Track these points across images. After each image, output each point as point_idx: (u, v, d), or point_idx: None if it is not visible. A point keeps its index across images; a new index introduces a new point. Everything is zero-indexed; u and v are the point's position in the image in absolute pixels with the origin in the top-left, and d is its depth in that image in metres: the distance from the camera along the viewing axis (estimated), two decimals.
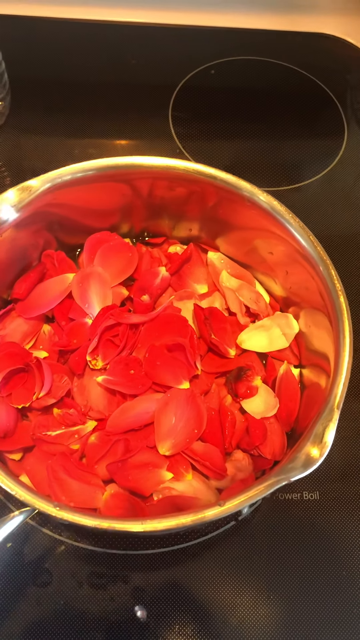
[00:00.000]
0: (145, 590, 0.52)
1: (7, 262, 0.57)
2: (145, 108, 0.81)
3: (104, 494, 0.49)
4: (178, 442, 0.50)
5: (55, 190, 0.54)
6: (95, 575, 0.53)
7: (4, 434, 0.51)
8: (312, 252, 0.52)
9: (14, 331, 0.56)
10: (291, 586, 0.53)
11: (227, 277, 0.61)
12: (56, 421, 0.52)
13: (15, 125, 0.78)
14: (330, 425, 0.44)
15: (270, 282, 0.61)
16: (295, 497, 0.57)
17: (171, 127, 0.79)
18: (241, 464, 0.52)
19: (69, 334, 0.56)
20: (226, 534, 0.55)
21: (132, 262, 0.60)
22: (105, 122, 0.79)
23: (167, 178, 0.57)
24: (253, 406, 0.54)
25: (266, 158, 0.80)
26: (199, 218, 0.62)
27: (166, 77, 0.84)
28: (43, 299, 0.57)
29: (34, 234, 0.58)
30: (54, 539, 0.54)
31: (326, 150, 0.81)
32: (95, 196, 0.58)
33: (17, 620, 0.50)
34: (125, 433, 0.51)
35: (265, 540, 0.55)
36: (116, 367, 0.53)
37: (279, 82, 0.88)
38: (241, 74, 0.87)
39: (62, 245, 0.62)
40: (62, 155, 0.76)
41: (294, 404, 0.55)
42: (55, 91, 0.82)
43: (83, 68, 0.85)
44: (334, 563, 0.55)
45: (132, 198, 0.60)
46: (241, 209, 0.57)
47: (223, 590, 0.53)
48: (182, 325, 0.55)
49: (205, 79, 0.85)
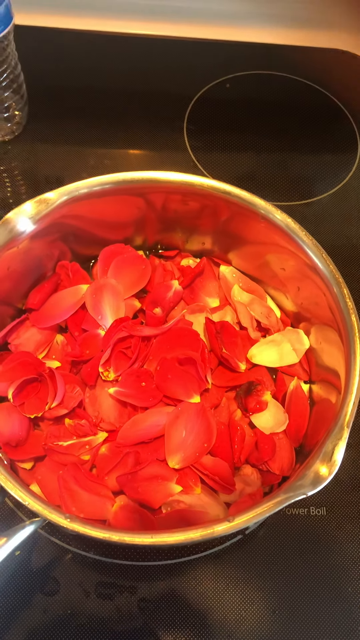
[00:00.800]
0: (151, 601, 0.53)
1: (22, 273, 0.58)
2: (161, 120, 0.82)
3: (113, 506, 0.49)
4: (188, 456, 0.50)
5: (72, 203, 0.55)
6: (102, 585, 0.53)
7: (16, 443, 0.51)
8: (324, 270, 0.52)
9: (27, 341, 0.57)
10: (296, 600, 0.54)
11: (238, 292, 0.61)
12: (68, 431, 0.52)
13: (32, 134, 0.79)
14: (339, 443, 0.45)
15: (281, 297, 0.62)
16: (302, 512, 0.57)
17: (186, 139, 0.80)
18: (250, 479, 0.52)
19: (82, 344, 0.56)
20: (233, 548, 0.55)
21: (145, 275, 0.61)
22: (120, 133, 0.80)
23: (181, 192, 0.58)
24: (262, 421, 0.55)
25: (279, 172, 0.80)
26: (211, 232, 0.62)
27: (182, 89, 0.85)
28: (57, 309, 0.58)
29: (49, 244, 0.59)
30: (62, 548, 0.54)
31: (339, 166, 0.81)
32: (110, 209, 0.59)
33: (23, 628, 0.51)
34: (135, 445, 0.51)
35: (271, 554, 0.56)
36: (128, 379, 0.53)
37: (293, 96, 0.88)
38: (256, 88, 0.88)
39: (76, 256, 0.63)
40: (77, 165, 0.77)
41: (303, 420, 0.56)
42: (72, 102, 0.83)
43: (100, 80, 0.86)
44: (339, 579, 0.55)
45: (146, 211, 0.61)
46: (254, 224, 0.57)
47: (229, 603, 0.53)
48: (193, 339, 0.55)
49: (221, 92, 0.85)
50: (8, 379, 0.53)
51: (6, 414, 0.52)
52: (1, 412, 0.52)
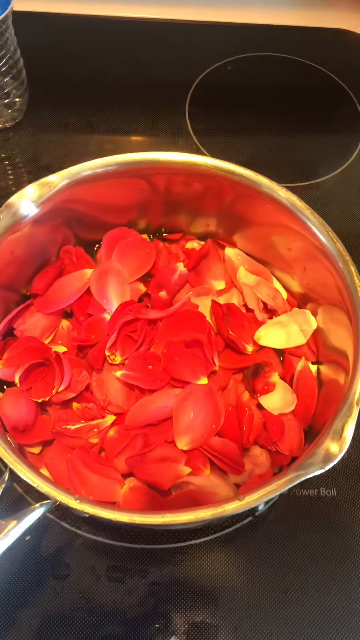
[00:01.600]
0: (162, 584, 0.53)
1: (26, 258, 0.57)
2: (162, 104, 0.81)
3: (122, 488, 0.49)
4: (196, 437, 0.50)
5: (75, 186, 0.55)
6: (113, 568, 0.53)
7: (24, 428, 0.51)
8: (331, 249, 0.52)
9: (33, 326, 0.56)
10: (307, 581, 0.54)
11: (244, 274, 0.61)
12: (75, 415, 0.52)
13: (33, 121, 0.79)
14: (349, 421, 0.44)
15: (287, 279, 0.61)
16: (312, 493, 0.57)
17: (188, 123, 0.80)
18: (259, 460, 0.52)
19: (88, 329, 0.56)
20: (243, 530, 0.55)
21: (150, 258, 0.60)
22: (122, 118, 0.80)
23: (185, 173, 0.57)
24: (271, 402, 0.54)
25: (283, 154, 0.79)
26: (216, 214, 0.62)
27: (183, 73, 0.84)
28: (62, 294, 0.58)
29: (53, 229, 0.58)
30: (73, 533, 0.54)
31: (343, 147, 0.80)
32: (113, 192, 0.59)
33: (35, 611, 0.51)
34: (143, 427, 0.51)
35: (282, 536, 0.55)
36: (135, 362, 0.53)
37: (296, 78, 0.87)
38: (258, 70, 0.87)
39: (80, 241, 0.62)
40: (78, 151, 0.77)
41: (312, 401, 0.55)
42: (73, 87, 0.82)
43: (100, 64, 0.85)
44: (351, 559, 0.55)
45: (149, 194, 0.60)
46: (259, 204, 0.57)
47: (239, 584, 0.53)
48: (199, 322, 0.55)
49: (223, 75, 0.85)
50: (14, 364, 0.53)
51: (13, 399, 0.52)
52: (8, 397, 0.52)
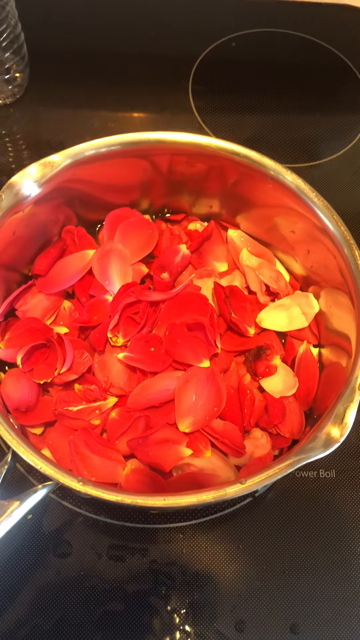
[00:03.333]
0: (162, 563, 0.53)
1: (28, 238, 0.57)
2: (165, 80, 0.80)
3: (124, 469, 0.49)
4: (198, 420, 0.50)
5: (77, 166, 0.54)
6: (114, 547, 0.54)
7: (26, 409, 0.51)
8: (335, 232, 0.51)
9: (34, 307, 0.56)
10: (307, 561, 0.54)
11: (247, 256, 0.60)
12: (77, 397, 0.52)
13: (34, 97, 0.77)
14: (351, 406, 0.45)
15: (290, 261, 0.61)
16: (311, 475, 0.57)
17: (191, 100, 0.78)
18: (260, 442, 0.52)
19: (90, 310, 0.56)
20: (242, 510, 0.56)
21: (152, 239, 0.60)
22: (124, 94, 0.78)
23: (188, 154, 0.57)
24: (272, 385, 0.55)
25: (286, 133, 0.78)
26: (219, 195, 0.61)
27: (186, 49, 0.83)
28: (63, 275, 0.57)
29: (55, 209, 0.58)
30: (74, 512, 0.55)
31: (348, 126, 0.79)
32: (115, 172, 0.58)
33: (38, 589, 0.52)
34: (145, 410, 0.51)
35: (281, 516, 0.56)
36: (137, 344, 0.53)
37: (300, 54, 0.86)
38: (262, 46, 0.85)
39: (82, 221, 0.62)
40: (80, 128, 0.76)
41: (313, 384, 0.56)
42: (74, 63, 0.81)
43: (102, 40, 0.83)
44: (349, 540, 0.55)
45: (152, 174, 0.59)
46: (263, 185, 0.56)
47: (239, 564, 0.54)
48: (202, 304, 0.55)
49: (226, 51, 0.83)
50: (16, 345, 0.53)
51: (15, 380, 0.52)
52: (10, 378, 0.52)
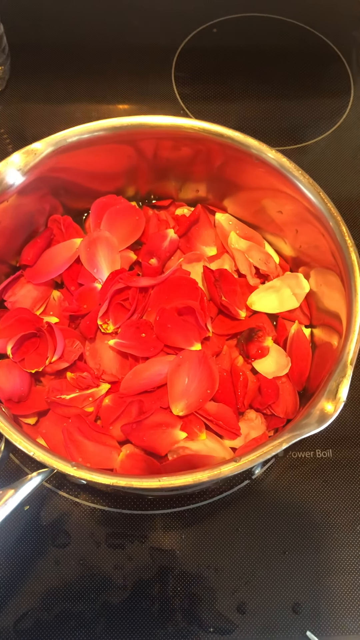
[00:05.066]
0: (161, 548, 0.53)
1: (14, 229, 0.57)
2: (148, 69, 0.79)
3: (119, 455, 0.49)
4: (191, 403, 0.50)
5: (60, 154, 0.54)
6: (112, 535, 0.53)
7: (19, 399, 0.51)
8: (322, 209, 0.51)
9: (24, 297, 0.56)
10: (306, 541, 0.54)
11: (235, 239, 0.60)
12: (70, 385, 0.52)
13: (16, 90, 0.77)
14: (343, 381, 0.44)
15: (279, 242, 0.61)
16: (308, 455, 0.57)
17: (174, 88, 0.78)
18: (254, 423, 0.52)
19: (79, 299, 0.56)
20: (240, 493, 0.56)
21: (139, 226, 0.60)
22: (107, 85, 0.78)
23: (172, 138, 0.56)
24: (265, 366, 0.54)
25: (272, 118, 0.78)
26: (205, 179, 0.61)
27: (168, 37, 0.82)
28: (51, 264, 0.57)
29: (40, 199, 0.57)
30: (71, 502, 0.54)
31: (332, 109, 0.79)
32: (99, 159, 0.58)
33: (37, 579, 0.51)
34: (138, 395, 0.51)
35: (279, 498, 0.56)
36: (127, 331, 0.53)
37: (283, 39, 0.85)
38: (244, 32, 0.85)
39: (68, 210, 0.61)
40: (64, 120, 0.75)
41: (306, 363, 0.55)
42: (56, 55, 0.80)
43: (83, 30, 0.83)
44: (348, 518, 0.55)
45: (137, 160, 0.59)
46: (249, 167, 0.56)
47: (239, 546, 0.54)
48: (192, 288, 0.55)
49: (208, 38, 0.83)
50: (6, 335, 0.52)
51: (7, 370, 0.52)
52: (2, 369, 0.52)
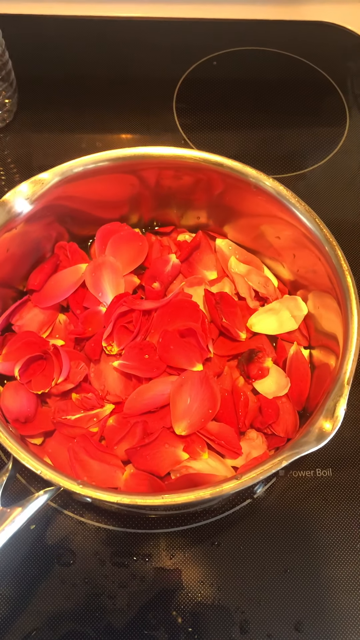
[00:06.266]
0: (165, 567, 0.54)
1: (22, 255, 0.59)
2: (150, 101, 0.82)
3: (123, 474, 0.50)
4: (193, 422, 0.51)
5: (66, 183, 0.56)
6: (117, 554, 0.54)
7: (25, 419, 0.53)
8: (318, 234, 0.53)
9: (30, 321, 0.58)
10: (307, 560, 0.55)
11: (235, 263, 0.62)
12: (75, 405, 0.53)
13: (23, 122, 0.80)
14: (341, 400, 0.46)
15: (278, 267, 0.63)
16: (308, 474, 0.58)
17: (176, 118, 0.81)
18: (255, 443, 0.54)
19: (84, 322, 0.57)
20: (242, 512, 0.57)
21: (143, 251, 0.62)
22: (111, 116, 0.81)
23: (174, 167, 0.59)
24: (265, 386, 0.56)
25: (270, 147, 0.81)
26: (206, 206, 0.63)
27: (169, 69, 0.85)
28: (58, 289, 0.59)
29: (47, 226, 0.59)
30: (76, 521, 0.55)
31: (329, 137, 0.82)
32: (104, 188, 0.60)
33: (43, 598, 0.52)
34: (142, 415, 0.52)
35: (281, 516, 0.57)
36: (131, 352, 0.54)
37: (280, 71, 0.89)
38: (243, 65, 0.88)
39: (73, 236, 0.63)
40: (69, 150, 0.78)
41: (305, 384, 0.57)
42: (62, 87, 0.83)
43: (88, 64, 0.86)
44: (349, 538, 0.56)
45: (140, 189, 0.61)
46: (248, 195, 0.58)
47: (240, 565, 0.54)
48: (193, 311, 0.56)
49: (208, 70, 0.86)
50: (14, 358, 0.54)
51: (14, 392, 0.53)
52: (9, 390, 0.53)
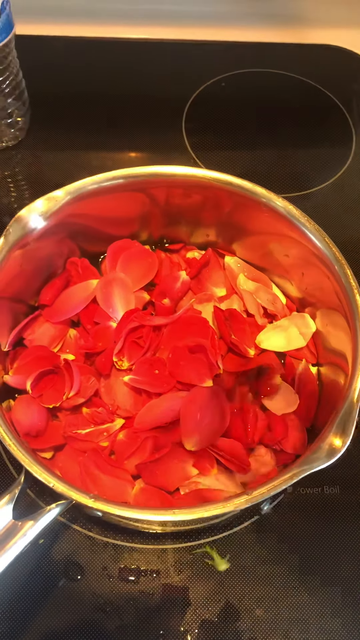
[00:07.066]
0: (173, 583, 0.54)
1: (34, 270, 0.59)
2: (160, 121, 0.84)
3: (133, 488, 0.50)
4: (203, 438, 0.52)
5: (79, 200, 0.57)
6: (125, 569, 0.54)
7: (36, 433, 0.53)
8: (327, 253, 0.54)
9: (42, 335, 0.58)
10: (314, 578, 0.55)
11: (244, 280, 0.63)
12: (85, 420, 0.54)
13: (35, 139, 0.81)
14: (350, 417, 0.46)
15: (286, 284, 0.64)
16: (316, 491, 0.58)
17: (185, 138, 0.82)
18: (264, 459, 0.54)
19: (95, 337, 0.58)
20: (249, 529, 0.57)
21: (153, 268, 0.63)
22: (121, 135, 0.82)
23: (183, 186, 0.60)
24: (274, 403, 0.56)
25: (278, 166, 0.82)
26: (215, 224, 0.64)
27: (179, 90, 0.87)
28: (69, 304, 0.60)
29: (59, 243, 0.60)
30: (84, 535, 0.56)
31: (335, 158, 0.83)
32: (115, 205, 0.61)
33: (49, 613, 0.52)
34: (152, 430, 0.53)
35: (288, 533, 0.57)
36: (141, 368, 0.55)
37: (287, 92, 0.90)
38: (251, 86, 0.90)
39: (84, 253, 0.64)
40: (80, 168, 0.79)
41: (313, 400, 0.57)
42: (73, 106, 0.85)
43: (99, 84, 0.88)
44: (355, 554, 0.56)
45: (150, 207, 0.62)
46: (256, 213, 0.59)
47: (248, 581, 0.54)
48: (203, 327, 0.57)
49: (217, 91, 0.88)
50: (25, 372, 0.55)
51: (25, 405, 0.54)
52: (21, 404, 0.54)
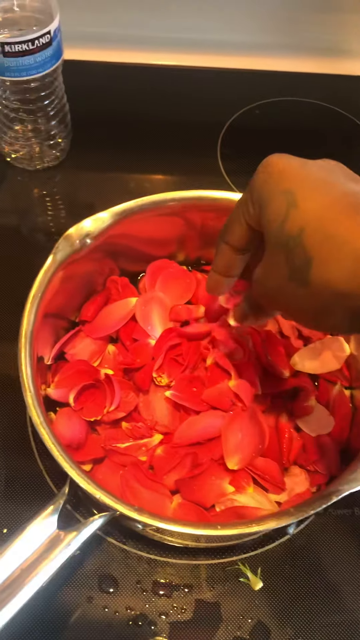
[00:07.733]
0: (206, 599, 0.55)
1: (76, 287, 0.61)
2: (196, 145, 0.86)
3: (172, 503, 0.52)
4: (244, 457, 0.53)
5: (122, 222, 0.59)
6: (159, 584, 0.55)
7: (77, 446, 0.54)
8: None
9: (82, 350, 0.60)
10: (343, 599, 0.55)
11: None
12: (124, 434, 0.55)
13: (75, 161, 0.84)
14: None
15: None
16: (346, 512, 0.59)
17: (220, 163, 0.85)
18: (298, 479, 0.55)
19: (134, 353, 0.60)
20: (278, 548, 0.57)
21: (190, 288, 0.64)
22: (158, 159, 0.85)
23: (216, 210, 0.61)
24: (308, 424, 0.57)
25: None
26: None
27: (215, 116, 0.90)
28: (109, 321, 0.62)
29: (100, 261, 0.62)
30: (119, 548, 0.56)
31: None
32: (154, 227, 0.63)
33: (85, 625, 0.53)
34: (191, 446, 0.54)
35: (317, 554, 0.57)
36: (181, 384, 0.56)
37: (318, 120, 0.93)
38: (284, 113, 0.92)
39: (123, 271, 0.66)
40: (117, 189, 0.81)
41: (347, 423, 0.58)
42: (113, 130, 0.88)
43: (138, 108, 0.91)
44: None
45: (186, 229, 0.64)
46: None
47: (277, 601, 0.55)
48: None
49: (251, 118, 0.90)
50: (66, 385, 0.56)
51: (67, 418, 0.55)
52: (62, 417, 0.55)
